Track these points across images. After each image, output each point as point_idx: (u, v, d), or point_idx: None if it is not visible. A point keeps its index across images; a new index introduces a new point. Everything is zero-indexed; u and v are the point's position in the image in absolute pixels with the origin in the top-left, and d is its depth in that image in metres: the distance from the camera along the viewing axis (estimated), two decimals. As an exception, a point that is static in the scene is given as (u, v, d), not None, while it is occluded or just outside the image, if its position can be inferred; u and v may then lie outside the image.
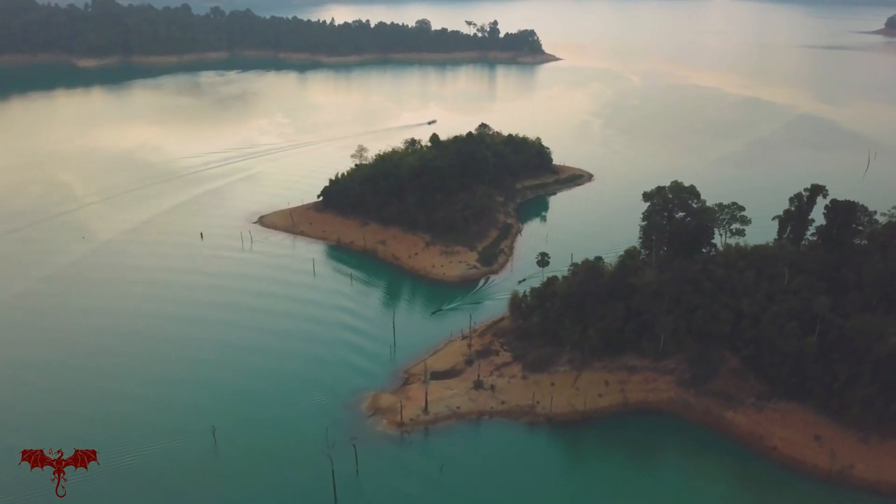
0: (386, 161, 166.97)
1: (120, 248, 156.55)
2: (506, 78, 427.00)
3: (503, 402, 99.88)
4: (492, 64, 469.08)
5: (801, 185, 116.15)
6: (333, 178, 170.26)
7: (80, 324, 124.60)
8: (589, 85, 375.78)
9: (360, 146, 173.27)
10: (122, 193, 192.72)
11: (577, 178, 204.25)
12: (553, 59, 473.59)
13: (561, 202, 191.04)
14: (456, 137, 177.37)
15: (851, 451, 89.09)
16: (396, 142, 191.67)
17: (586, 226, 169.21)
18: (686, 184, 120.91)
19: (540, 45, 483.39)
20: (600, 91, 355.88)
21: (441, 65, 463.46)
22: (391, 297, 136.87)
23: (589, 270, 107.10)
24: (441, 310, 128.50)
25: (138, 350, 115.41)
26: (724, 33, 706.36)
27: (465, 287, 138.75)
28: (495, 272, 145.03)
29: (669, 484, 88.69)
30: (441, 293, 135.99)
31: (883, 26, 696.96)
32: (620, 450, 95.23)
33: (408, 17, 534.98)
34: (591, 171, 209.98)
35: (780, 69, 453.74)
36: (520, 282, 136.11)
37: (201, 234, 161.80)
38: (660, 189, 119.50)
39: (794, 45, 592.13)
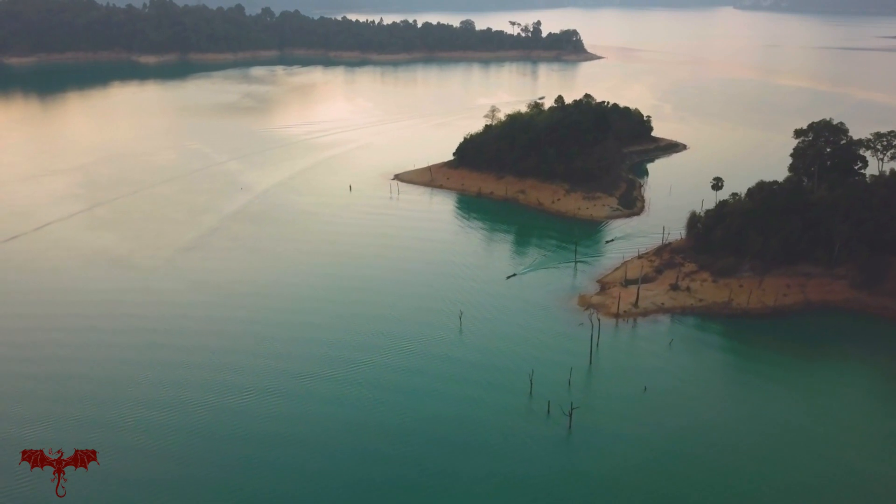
0: (517, 120, 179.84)
1: (279, 196, 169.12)
2: (557, 73, 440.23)
3: (701, 300, 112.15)
4: (535, 61, 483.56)
5: None
6: (467, 136, 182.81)
7: (303, 248, 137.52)
8: (642, 78, 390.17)
9: (492, 107, 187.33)
10: (250, 155, 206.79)
11: (674, 146, 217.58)
12: (596, 57, 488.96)
13: (663, 167, 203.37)
14: (576, 101, 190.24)
15: None
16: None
17: (698, 185, 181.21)
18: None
19: (582, 45, 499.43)
20: (656, 82, 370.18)
21: (486, 62, 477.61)
22: (546, 233, 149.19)
23: (765, 189, 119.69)
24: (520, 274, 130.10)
25: (378, 262, 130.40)
26: (741, 37, 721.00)
27: (610, 224, 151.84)
28: (637, 214, 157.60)
29: (861, 364, 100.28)
30: (592, 230, 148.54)
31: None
32: (815, 338, 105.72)
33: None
34: (685, 143, 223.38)
35: (815, 66, 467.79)
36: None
37: (350, 187, 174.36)
38: (812, 125, 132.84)
39: (819, 46, 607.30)
